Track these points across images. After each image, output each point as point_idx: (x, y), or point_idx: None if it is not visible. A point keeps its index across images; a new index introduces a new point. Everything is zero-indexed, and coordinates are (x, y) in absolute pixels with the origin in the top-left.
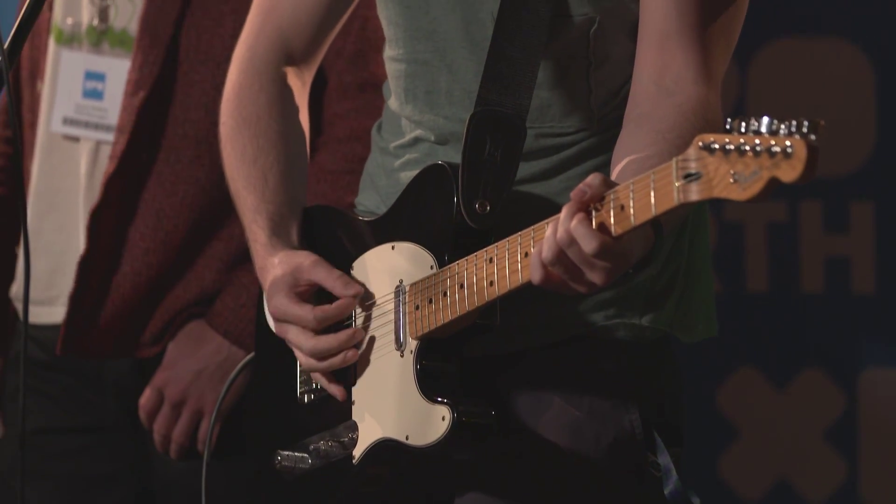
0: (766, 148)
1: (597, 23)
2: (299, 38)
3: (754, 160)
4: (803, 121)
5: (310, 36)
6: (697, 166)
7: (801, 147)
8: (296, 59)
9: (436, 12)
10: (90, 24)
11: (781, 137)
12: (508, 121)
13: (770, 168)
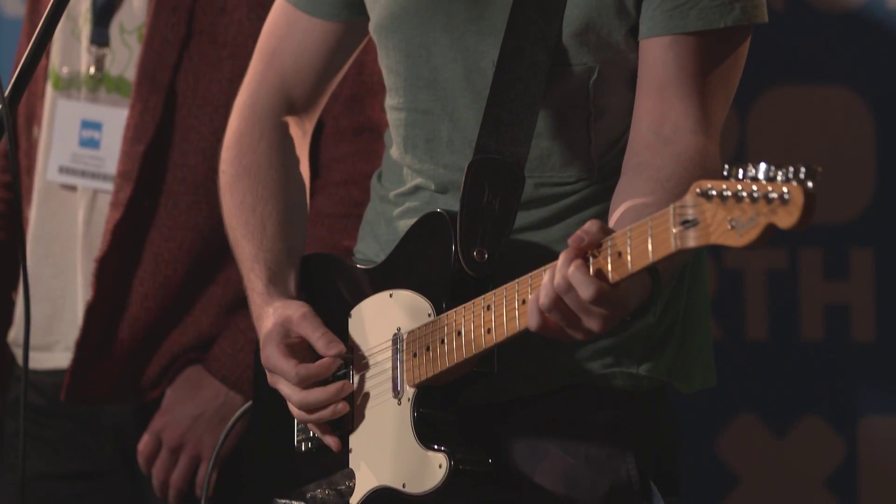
0: (763, 194)
1: (596, 72)
2: (301, 87)
3: (751, 206)
4: (800, 167)
5: (311, 84)
6: (695, 213)
7: (797, 193)
8: (297, 108)
9: (437, 61)
10: (87, 72)
11: (778, 184)
12: (507, 169)
13: (767, 214)
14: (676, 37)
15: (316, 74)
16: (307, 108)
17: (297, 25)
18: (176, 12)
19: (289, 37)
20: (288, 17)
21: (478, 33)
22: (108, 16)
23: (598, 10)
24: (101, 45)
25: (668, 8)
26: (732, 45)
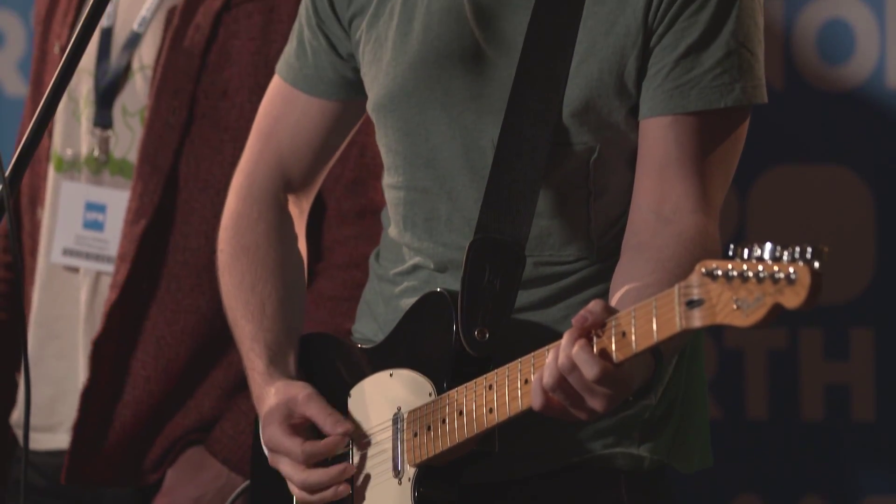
0: (770, 274)
1: (597, 152)
2: (298, 166)
3: (758, 286)
4: (807, 247)
5: (309, 163)
6: (700, 293)
7: (804, 273)
8: (294, 186)
9: (436, 140)
10: (90, 154)
11: (785, 264)
12: (508, 249)
13: (774, 294)
14: (677, 117)
15: (313, 153)
16: (305, 187)
17: (295, 105)
18: (177, 96)
19: (286, 116)
20: (285, 96)
21: (477, 111)
22: (110, 98)
23: (599, 90)
24: (105, 127)
25: (669, 88)
26: (732, 124)
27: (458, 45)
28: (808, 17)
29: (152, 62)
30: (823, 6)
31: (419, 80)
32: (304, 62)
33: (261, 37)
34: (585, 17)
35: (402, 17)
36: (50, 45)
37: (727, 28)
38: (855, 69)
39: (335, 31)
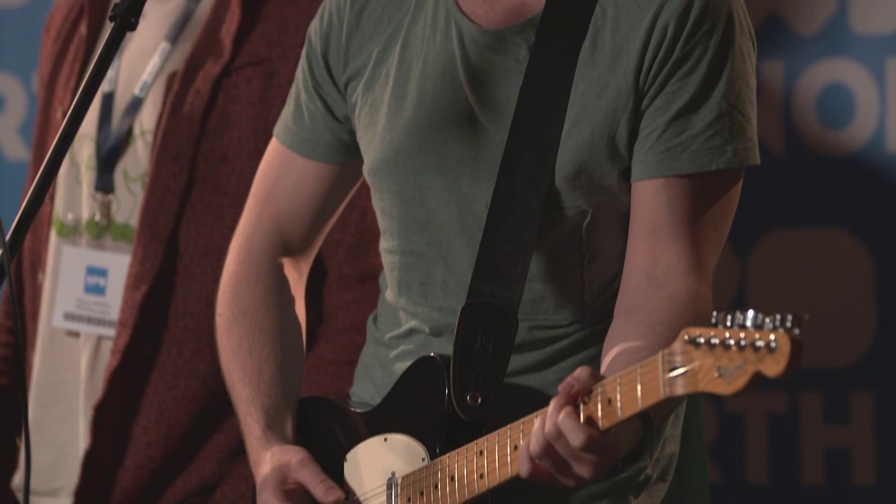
0: (751, 342)
1: (589, 215)
2: (296, 229)
3: (739, 354)
4: (787, 315)
5: (307, 226)
6: (683, 360)
7: (784, 342)
8: (293, 250)
9: (431, 204)
10: (91, 219)
11: (766, 332)
12: (500, 313)
13: (754, 362)
14: (668, 179)
15: (311, 216)
16: (303, 250)
17: (293, 168)
18: (178, 161)
19: (284, 179)
20: (283, 159)
21: (471, 175)
22: (112, 163)
23: (591, 153)
24: (106, 191)
25: (660, 151)
26: (724, 186)
27: (452, 109)
28: (808, 81)
29: (153, 127)
30: (823, 70)
31: (414, 145)
32: (302, 125)
33: (260, 102)
34: (577, 80)
35: (398, 81)
36: (53, 109)
37: (718, 90)
38: (855, 133)
39: (332, 94)
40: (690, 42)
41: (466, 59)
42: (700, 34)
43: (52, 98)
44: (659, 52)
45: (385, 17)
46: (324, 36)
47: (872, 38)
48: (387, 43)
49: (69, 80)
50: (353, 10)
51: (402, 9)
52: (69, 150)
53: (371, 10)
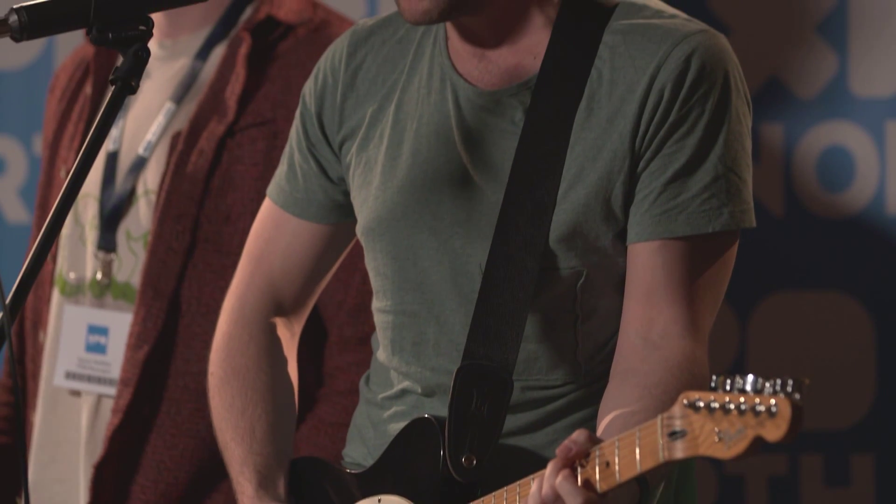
0: (751, 406)
1: (584, 276)
2: (289, 289)
3: (739, 419)
4: (788, 379)
5: (300, 287)
6: (682, 424)
7: (785, 406)
8: (286, 309)
9: (424, 264)
10: (94, 278)
11: (766, 396)
12: (495, 374)
13: (755, 427)
14: (664, 241)
15: (304, 276)
16: (296, 310)
17: (286, 228)
18: (181, 220)
19: (277, 239)
20: (276, 219)
21: (465, 236)
22: (115, 222)
23: (586, 215)
24: (108, 250)
25: (657, 213)
26: (720, 249)
27: (446, 169)
28: (808, 143)
29: (156, 187)
30: (823, 133)
31: (408, 204)
32: (295, 185)
33: (264, 162)
34: (573, 142)
35: (392, 141)
36: (56, 169)
37: (714, 153)
38: (855, 196)
39: (326, 154)
40: (687, 105)
41: (461, 119)
42: (696, 97)
43: (55, 158)
44: (655, 114)
45: (380, 78)
46: (318, 96)
47: (872, 101)
48: (381, 103)
49: (73, 140)
50: (349, 70)
51: (396, 69)
52: (73, 210)
53: (366, 70)
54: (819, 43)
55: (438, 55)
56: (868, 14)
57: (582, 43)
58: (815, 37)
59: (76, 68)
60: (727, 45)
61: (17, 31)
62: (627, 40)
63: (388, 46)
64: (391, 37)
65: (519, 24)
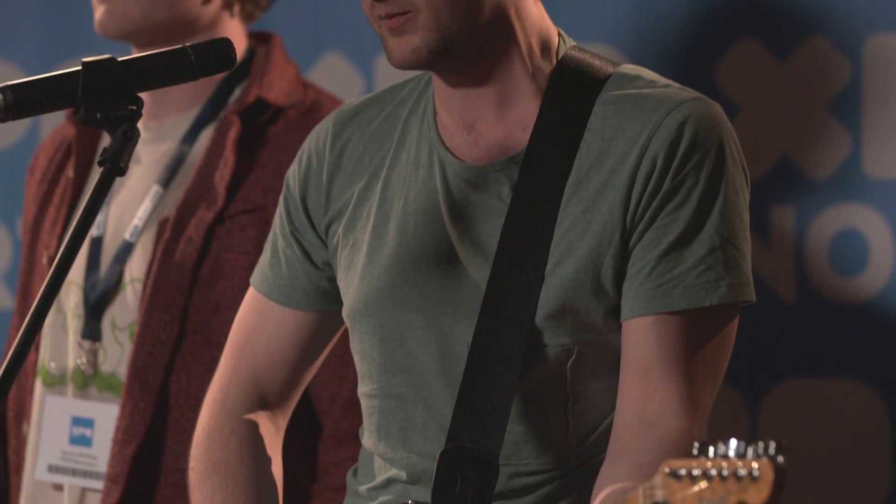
0: (733, 472)
1: (574, 354)
2: (273, 381)
3: (721, 485)
4: (770, 442)
5: (284, 378)
6: (664, 494)
7: (767, 469)
8: (270, 402)
9: (411, 345)
10: (77, 367)
11: (748, 460)
12: (480, 459)
13: (737, 493)
14: (660, 316)
15: (289, 367)
16: (280, 403)
17: (269, 316)
18: (168, 311)
19: (260, 329)
20: (259, 308)
21: (453, 315)
22: (100, 311)
23: (575, 291)
24: (93, 339)
25: (651, 287)
26: (719, 323)
27: (433, 247)
28: (820, 226)
29: (143, 275)
30: (836, 216)
31: (394, 284)
32: (279, 272)
33: (255, 251)
34: (561, 218)
35: (378, 220)
36: (38, 255)
37: (710, 223)
38: (869, 281)
39: (310, 239)
40: (681, 174)
41: (449, 195)
42: (690, 165)
43: (37, 242)
44: (648, 184)
45: (366, 156)
46: (302, 179)
47: (887, 183)
48: (368, 181)
49: (55, 224)
50: (334, 150)
51: (383, 147)
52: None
53: (352, 149)
54: (831, 122)
55: (426, 130)
56: (882, 92)
57: (572, 115)
58: (828, 115)
59: (56, 149)
60: (722, 112)
61: (3, 111)
62: (618, 110)
63: (375, 124)
64: (378, 115)
65: (508, 94)
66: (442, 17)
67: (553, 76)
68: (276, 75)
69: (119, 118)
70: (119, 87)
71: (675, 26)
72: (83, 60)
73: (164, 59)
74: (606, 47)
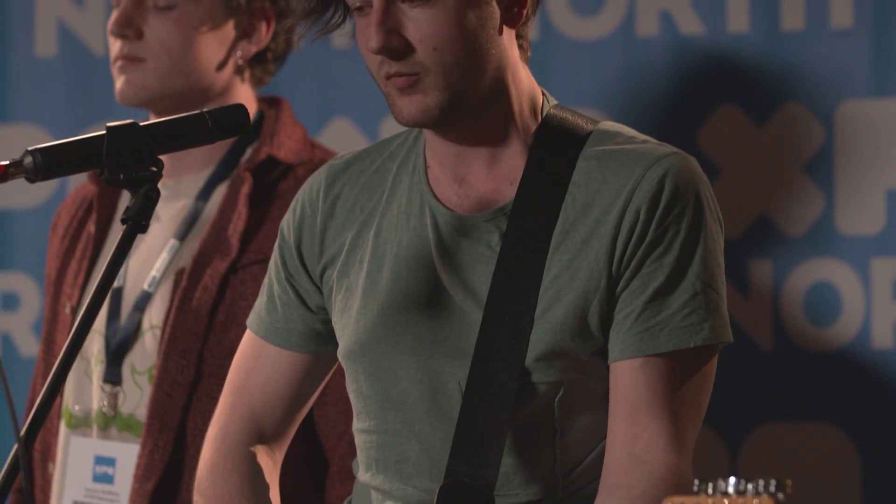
0: None
1: (562, 390)
2: (271, 418)
3: None
4: (770, 480)
5: (281, 415)
6: None
7: None
8: (267, 438)
9: (404, 384)
10: (99, 409)
11: (749, 497)
12: (477, 492)
13: None
14: (647, 358)
15: (285, 405)
16: (277, 438)
17: (266, 358)
18: (185, 355)
19: (257, 369)
20: (256, 349)
21: (444, 355)
22: (120, 356)
23: (563, 334)
24: (115, 384)
25: (639, 331)
26: (701, 363)
27: (426, 293)
28: (796, 280)
29: (161, 322)
30: (811, 270)
31: (388, 326)
32: (275, 316)
33: None
34: (549, 265)
35: (372, 266)
36: (61, 305)
37: (692, 270)
38: (841, 331)
39: (304, 284)
40: (663, 224)
41: (440, 243)
42: (672, 216)
43: (60, 293)
44: (632, 235)
45: (357, 206)
46: (297, 228)
47: (858, 239)
48: (360, 229)
49: (77, 276)
50: (327, 201)
51: (374, 197)
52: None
53: (344, 199)
54: (806, 182)
55: (418, 182)
56: (853, 154)
57: (557, 169)
58: (803, 176)
59: (78, 207)
60: (698, 166)
61: (32, 173)
62: (601, 165)
63: (366, 176)
64: (368, 167)
65: (498, 150)
66: (451, 78)
67: (538, 133)
68: (286, 135)
69: (141, 179)
70: (141, 150)
71: (660, 92)
72: (107, 125)
73: (183, 124)
74: (596, 111)
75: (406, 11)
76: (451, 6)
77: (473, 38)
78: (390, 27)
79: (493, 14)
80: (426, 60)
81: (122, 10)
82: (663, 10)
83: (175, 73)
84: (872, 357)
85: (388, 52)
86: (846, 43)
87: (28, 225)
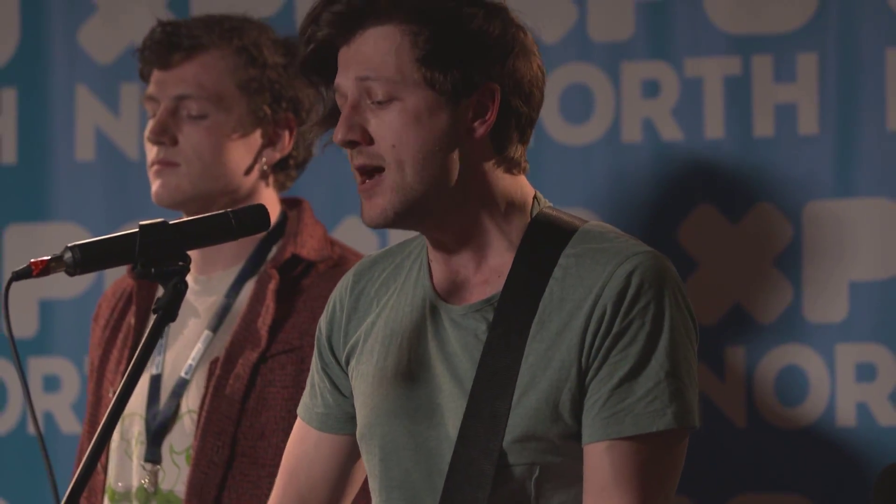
0: None
1: (538, 470)
2: (316, 499)
3: None
4: None
5: (326, 496)
6: None
7: None
8: None
9: (406, 464)
10: (140, 486)
11: None
12: None
13: None
14: (613, 442)
15: (330, 487)
16: None
17: (310, 441)
18: (220, 437)
19: (304, 454)
20: (302, 434)
21: (437, 439)
22: (160, 438)
23: (537, 419)
24: (155, 462)
25: (606, 416)
26: (666, 447)
27: (423, 379)
28: (767, 364)
29: (197, 406)
30: (781, 355)
31: (391, 410)
32: (316, 402)
33: (293, 385)
34: (527, 353)
35: (380, 354)
36: (104, 390)
37: (656, 359)
38: (809, 410)
39: (337, 372)
40: (628, 317)
41: (436, 333)
42: (636, 310)
43: (103, 380)
44: (600, 328)
45: (376, 300)
46: (328, 323)
47: (823, 326)
48: (374, 320)
49: (119, 364)
50: (352, 297)
51: (389, 291)
52: (119, 426)
53: (366, 294)
54: (776, 275)
55: (422, 277)
56: (819, 249)
57: (540, 265)
58: (773, 269)
59: (118, 299)
60: (667, 263)
61: (71, 267)
62: (579, 263)
63: (386, 273)
64: (389, 265)
65: (483, 248)
66: (407, 178)
67: (528, 232)
68: (308, 235)
69: (171, 272)
70: (171, 246)
71: (643, 193)
72: (140, 223)
73: (209, 223)
74: (585, 210)
75: (374, 110)
76: (411, 108)
77: (432, 141)
78: (355, 122)
79: (458, 120)
80: (386, 155)
81: (158, 119)
82: (646, 119)
83: (206, 177)
84: (837, 434)
85: (349, 145)
86: (812, 148)
87: (69, 314)
